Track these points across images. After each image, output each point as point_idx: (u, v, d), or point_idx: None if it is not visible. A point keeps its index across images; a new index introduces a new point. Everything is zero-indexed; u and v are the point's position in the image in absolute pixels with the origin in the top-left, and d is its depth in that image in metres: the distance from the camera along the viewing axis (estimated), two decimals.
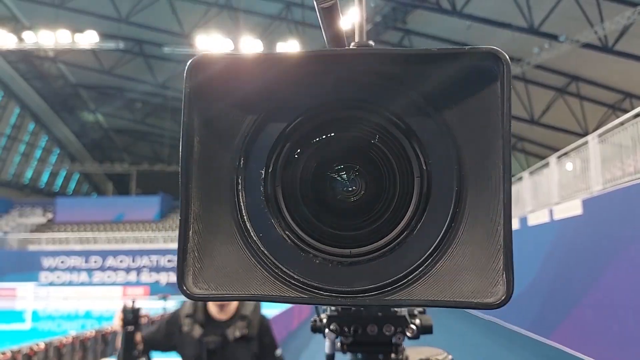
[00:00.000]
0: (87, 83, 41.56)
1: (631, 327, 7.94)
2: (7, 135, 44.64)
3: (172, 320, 2.65)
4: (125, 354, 2.50)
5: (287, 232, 0.45)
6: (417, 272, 0.43)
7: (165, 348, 2.69)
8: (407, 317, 0.66)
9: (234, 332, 2.46)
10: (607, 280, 8.88)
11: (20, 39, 29.24)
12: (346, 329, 0.64)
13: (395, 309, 0.63)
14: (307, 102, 0.46)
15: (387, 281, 0.43)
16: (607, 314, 8.81)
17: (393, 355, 0.67)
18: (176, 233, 1.16)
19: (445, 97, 0.44)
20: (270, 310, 11.43)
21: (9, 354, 4.91)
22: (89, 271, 31.69)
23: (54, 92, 42.33)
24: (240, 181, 0.46)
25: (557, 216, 11.08)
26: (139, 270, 31.48)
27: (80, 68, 37.94)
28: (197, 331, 2.48)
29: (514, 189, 14.50)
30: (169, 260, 30.81)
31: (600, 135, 9.87)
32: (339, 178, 0.46)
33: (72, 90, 42.89)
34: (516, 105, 29.71)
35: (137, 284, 30.39)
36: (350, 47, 0.57)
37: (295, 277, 0.44)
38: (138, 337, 2.63)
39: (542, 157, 12.51)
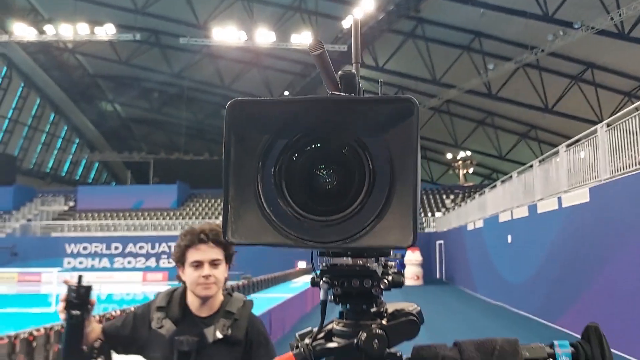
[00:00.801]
0: (104, 73, 42.19)
1: (637, 313, 8.16)
2: (28, 125, 45.58)
3: (142, 314, 1.99)
4: (69, 349, 1.80)
5: (288, 207, 0.75)
6: (366, 229, 0.72)
7: (129, 349, 2.03)
8: (380, 274, 0.87)
9: (214, 332, 1.89)
10: (613, 267, 9.08)
11: (40, 31, 29.84)
12: (335, 282, 0.86)
13: (372, 267, 0.86)
14: (302, 126, 0.77)
15: (348, 235, 0.73)
16: (613, 300, 9.01)
17: (374, 307, 0.89)
18: (192, 221, 1.79)
19: (384, 124, 0.76)
20: (286, 294, 11.87)
21: (5, 340, 4.62)
22: (110, 257, 32.60)
23: (72, 83, 43.05)
24: (259, 176, 0.76)
25: (566, 204, 11.30)
26: (157, 256, 32.29)
27: (98, 59, 38.53)
28: (169, 328, 1.90)
29: (525, 177, 14.69)
30: None
31: (609, 124, 10.02)
32: (320, 174, 0.76)
33: (90, 81, 43.58)
34: (530, 93, 29.62)
35: (157, 269, 31.21)
36: (334, 91, 0.84)
37: (293, 233, 0.74)
38: (92, 327, 1.93)
39: (556, 146, 12.64)
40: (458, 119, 37.10)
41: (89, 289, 1.85)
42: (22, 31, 29.87)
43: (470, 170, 40.36)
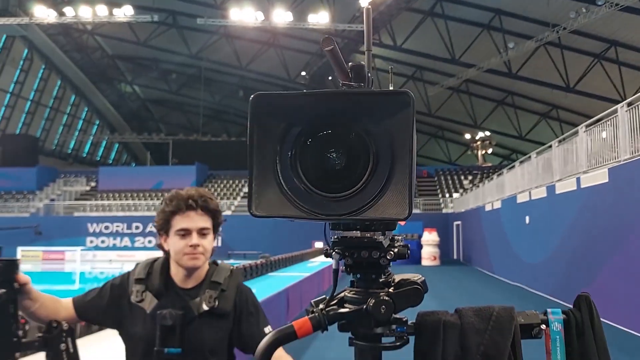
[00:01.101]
0: (123, 54, 42.48)
1: None
2: (50, 107, 46.27)
3: (120, 285, 1.81)
4: None
5: (302, 185, 0.83)
6: (369, 204, 0.81)
7: (106, 322, 1.84)
8: (387, 246, 0.95)
9: (200, 305, 1.73)
10: (631, 247, 9.07)
11: (60, 13, 30.14)
12: (346, 253, 0.95)
13: (379, 239, 0.94)
14: (314, 115, 0.84)
15: (354, 209, 0.82)
16: (630, 280, 9.03)
17: (382, 277, 0.97)
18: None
19: (385, 114, 0.83)
20: (303, 273, 12.07)
21: None
22: (131, 236, 33.28)
23: (92, 64, 43.47)
24: (277, 158, 0.84)
25: (585, 184, 11.25)
26: None
27: (116, 40, 38.79)
28: (150, 301, 1.73)
29: (544, 158, 14.60)
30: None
31: (630, 104, 9.90)
32: (330, 156, 0.83)
33: (109, 62, 43.94)
34: (551, 72, 29.13)
35: None
36: (346, 83, 0.90)
37: (306, 207, 0.83)
38: (40, 305, 1.68)
39: (577, 126, 12.51)
40: (477, 99, 36.71)
41: (13, 263, 1.53)
42: (42, 13, 30.22)
43: (489, 151, 40.04)
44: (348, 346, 0.95)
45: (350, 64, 0.91)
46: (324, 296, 0.98)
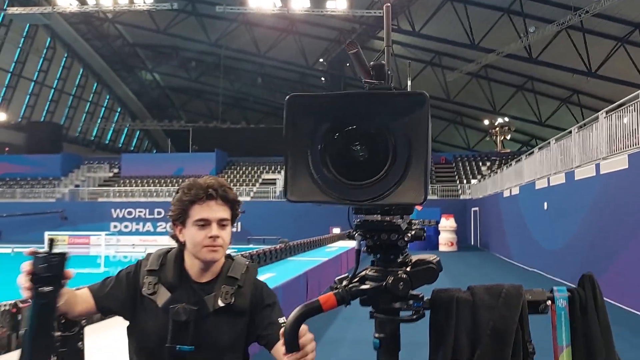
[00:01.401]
0: (143, 43, 42.83)
1: None
2: (72, 95, 46.93)
3: (134, 275, 1.69)
4: (37, 335, 1.33)
5: (330, 174, 0.94)
6: (390, 190, 0.92)
7: (127, 314, 1.70)
8: (404, 229, 1.07)
9: (216, 300, 1.64)
10: None
11: (82, 2, 30.46)
12: (368, 235, 1.05)
13: (397, 223, 1.05)
14: (341, 113, 0.95)
15: (376, 195, 0.93)
16: None
17: (400, 257, 1.07)
18: (234, 189, 1.76)
19: (403, 112, 0.93)
20: (321, 257, 12.27)
21: (7, 306, 4.40)
22: (154, 221, 33.81)
23: (113, 52, 43.93)
24: (309, 151, 0.95)
25: (604, 171, 11.21)
26: None
27: (137, 28, 39.11)
28: (162, 295, 1.62)
29: (563, 144, 14.52)
30: None
31: None
32: (355, 149, 0.94)
33: (130, 50, 44.35)
34: (572, 56, 28.67)
35: None
36: (368, 82, 1.00)
37: (334, 193, 0.94)
38: (70, 299, 1.54)
39: (599, 111, 12.41)
40: (497, 84, 36.31)
41: (63, 257, 1.39)
42: (65, 2, 30.60)
43: (508, 137, 39.68)
44: (365, 325, 1.05)
45: (371, 63, 1.03)
46: (346, 274, 1.09)
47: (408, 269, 1.03)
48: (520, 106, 37.13)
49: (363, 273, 1.07)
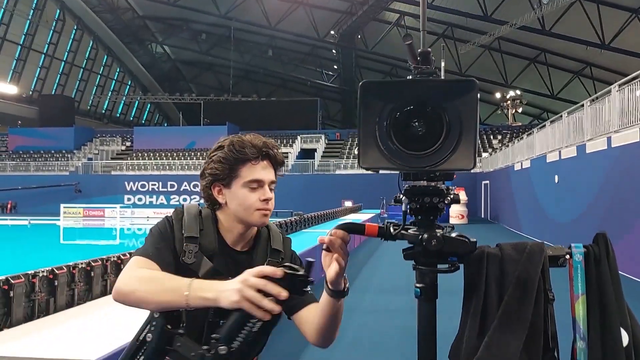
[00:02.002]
0: (153, 15, 42.66)
1: None
2: (83, 68, 47.04)
3: (166, 236, 1.45)
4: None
5: (394, 146, 1.11)
6: (445, 159, 1.10)
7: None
8: (445, 193, 1.24)
9: None
10: None
11: None
12: (415, 198, 1.21)
13: (440, 186, 1.23)
14: (403, 95, 1.12)
15: (433, 163, 1.11)
16: None
17: (437, 220, 1.24)
18: None
19: (455, 95, 1.10)
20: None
21: (64, 269, 4.58)
22: (167, 194, 34.28)
23: (123, 25, 43.81)
24: (376, 127, 1.12)
25: (615, 144, 11.27)
26: None
27: (146, 0, 38.91)
28: (204, 265, 1.43)
29: (575, 117, 14.52)
30: None
31: None
32: (414, 125, 1.11)
33: (140, 23, 44.19)
34: (586, 28, 28.30)
35: None
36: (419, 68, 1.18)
37: (398, 162, 1.11)
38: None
39: (611, 84, 12.36)
40: (509, 57, 35.97)
41: (310, 265, 1.22)
42: None
43: (520, 110, 39.46)
44: (377, 297, 1.19)
45: (419, 50, 1.20)
46: (396, 221, 1.26)
47: (446, 234, 1.19)
48: (533, 79, 36.82)
49: (406, 228, 1.24)
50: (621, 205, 10.89)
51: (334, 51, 42.70)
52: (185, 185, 34.09)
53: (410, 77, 1.16)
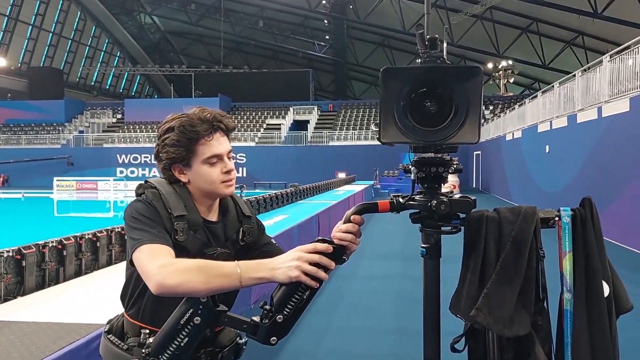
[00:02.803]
0: None
1: None
2: (71, 39, 46.32)
3: (156, 219, 1.45)
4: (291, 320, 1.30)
5: (410, 123, 1.24)
6: (453, 133, 1.24)
7: None
8: (450, 163, 1.38)
9: (237, 240, 1.60)
10: None
11: None
12: (423, 168, 1.37)
13: (445, 157, 1.37)
14: (418, 79, 1.25)
15: (444, 137, 1.25)
16: None
17: (442, 188, 1.40)
18: (238, 134, 1.96)
19: (463, 79, 1.24)
20: (330, 200, 12.72)
21: (72, 240, 4.72)
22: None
23: None
24: (395, 106, 1.25)
25: (605, 114, 11.44)
26: None
27: None
28: (192, 240, 1.48)
29: (566, 87, 14.65)
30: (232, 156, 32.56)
31: None
32: (427, 104, 1.24)
33: None
34: None
35: None
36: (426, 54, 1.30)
37: (413, 136, 1.25)
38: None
39: (604, 53, 12.43)
40: (501, 27, 35.81)
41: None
42: None
43: (511, 80, 39.49)
44: (372, 264, 1.36)
45: (428, 37, 1.33)
46: (401, 193, 1.42)
47: (450, 197, 1.35)
48: (524, 49, 36.75)
49: (414, 196, 1.39)
50: (609, 174, 11.11)
51: (325, 22, 42.28)
52: None
53: (424, 63, 1.29)
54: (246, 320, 1.29)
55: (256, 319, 1.29)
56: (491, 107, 35.76)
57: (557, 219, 1.36)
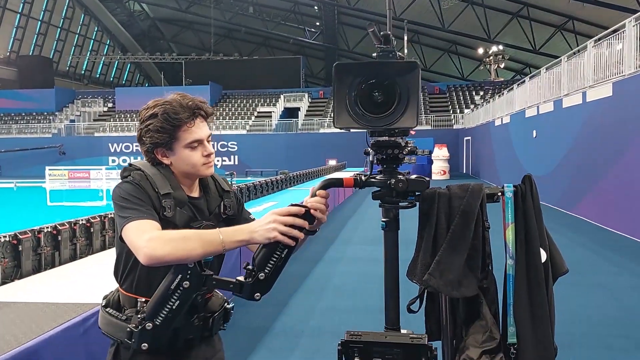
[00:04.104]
0: None
1: None
2: (60, 27, 45.89)
3: (144, 198, 1.56)
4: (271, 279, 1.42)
5: (360, 110, 1.40)
6: (397, 119, 1.39)
7: None
8: (403, 146, 1.52)
9: (219, 213, 1.73)
10: (629, 158, 9.61)
11: None
12: (379, 151, 1.50)
13: (398, 140, 1.50)
14: (367, 72, 1.40)
15: (389, 123, 1.41)
16: (627, 188, 9.61)
17: (400, 172, 1.56)
18: (227, 121, 2.07)
19: (404, 72, 1.39)
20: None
21: (66, 225, 4.86)
22: None
23: None
24: (347, 96, 1.40)
25: (590, 98, 11.63)
26: None
27: None
28: (180, 216, 1.61)
29: (553, 72, 14.83)
30: (221, 145, 32.64)
31: (638, 19, 10.06)
32: (374, 94, 1.40)
33: None
34: None
35: None
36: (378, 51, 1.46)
37: (363, 122, 1.42)
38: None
39: (593, 37, 12.56)
40: (492, 12, 35.84)
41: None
42: None
43: (502, 65, 39.64)
44: (359, 248, 1.51)
45: (382, 33, 1.49)
46: (363, 171, 1.61)
47: (407, 177, 1.51)
48: (515, 34, 36.85)
49: (375, 175, 1.55)
50: (593, 158, 11.31)
51: (315, 8, 42.12)
52: None
53: (378, 57, 1.46)
54: (231, 281, 1.41)
55: (241, 278, 1.40)
56: (482, 93, 35.91)
57: (500, 194, 1.50)
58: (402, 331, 1.54)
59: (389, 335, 1.50)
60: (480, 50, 39.41)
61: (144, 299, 1.56)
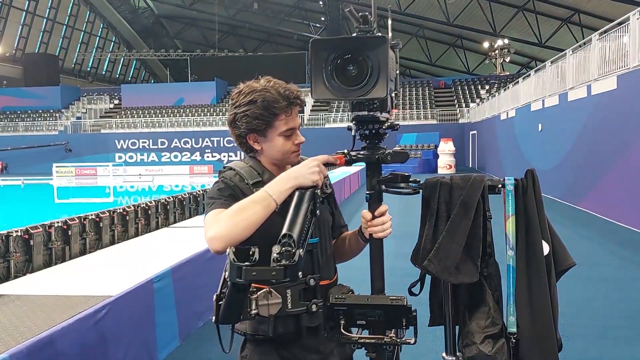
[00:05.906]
0: None
1: None
2: (66, 24, 46.03)
3: (231, 191, 1.61)
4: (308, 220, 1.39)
5: (336, 83, 1.46)
6: (370, 90, 1.45)
7: None
8: (383, 121, 1.57)
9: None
10: (635, 151, 9.59)
11: None
12: (360, 126, 1.58)
13: (381, 118, 1.56)
14: (341, 47, 1.48)
15: (363, 93, 1.46)
16: (633, 181, 9.59)
17: (381, 142, 1.60)
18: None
19: (376, 46, 1.46)
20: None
21: (77, 220, 4.96)
22: (157, 152, 34.36)
23: None
24: (323, 70, 1.47)
25: (595, 92, 11.60)
26: (202, 150, 33.89)
27: None
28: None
29: (558, 65, 14.79)
30: (227, 141, 32.74)
31: None
32: (349, 68, 1.46)
33: None
34: None
35: (202, 162, 32.91)
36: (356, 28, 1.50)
37: (338, 93, 1.47)
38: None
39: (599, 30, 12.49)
40: (497, 5, 35.68)
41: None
42: None
43: (507, 59, 39.48)
44: (357, 264, 1.46)
45: (360, 14, 1.55)
46: (351, 149, 1.64)
47: (389, 150, 1.58)
48: (521, 27, 36.67)
49: (360, 150, 1.61)
50: (599, 151, 11.29)
51: (320, 3, 42.05)
52: (176, 142, 34.16)
53: (345, 36, 1.52)
54: (274, 268, 1.27)
55: (283, 263, 1.27)
56: (487, 87, 35.79)
57: (501, 186, 1.54)
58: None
59: (370, 298, 1.57)
60: (486, 44, 39.26)
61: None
